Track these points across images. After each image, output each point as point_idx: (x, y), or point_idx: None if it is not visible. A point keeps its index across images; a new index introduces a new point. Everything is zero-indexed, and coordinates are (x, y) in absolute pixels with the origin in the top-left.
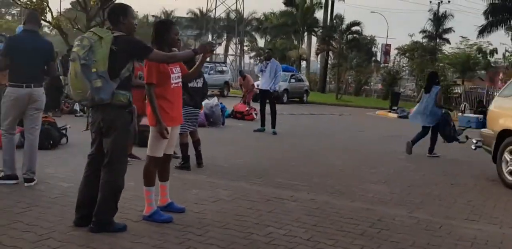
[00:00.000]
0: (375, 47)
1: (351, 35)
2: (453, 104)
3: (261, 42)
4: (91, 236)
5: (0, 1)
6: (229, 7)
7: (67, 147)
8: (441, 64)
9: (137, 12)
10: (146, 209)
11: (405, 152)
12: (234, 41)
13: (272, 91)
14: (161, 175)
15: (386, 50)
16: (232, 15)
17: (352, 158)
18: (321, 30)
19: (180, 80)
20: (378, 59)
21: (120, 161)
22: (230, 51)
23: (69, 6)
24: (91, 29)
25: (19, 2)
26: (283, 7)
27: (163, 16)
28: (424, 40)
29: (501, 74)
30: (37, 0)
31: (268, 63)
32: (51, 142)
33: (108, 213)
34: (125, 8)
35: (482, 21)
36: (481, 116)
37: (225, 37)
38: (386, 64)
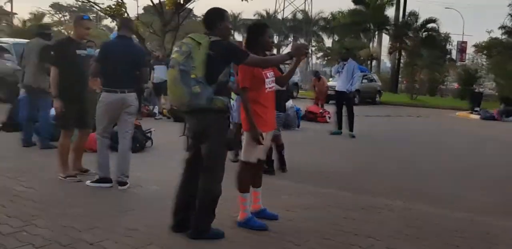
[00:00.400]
0: (449, 44)
1: (426, 33)
2: None
3: (328, 42)
4: (190, 242)
5: (77, 7)
6: (297, 7)
7: (152, 150)
8: None
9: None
10: (241, 215)
11: (504, 157)
12: (301, 41)
13: (349, 92)
14: (254, 181)
15: (462, 48)
16: (299, 16)
17: (445, 163)
18: (393, 28)
19: (274, 84)
20: (453, 57)
21: (217, 167)
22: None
23: (144, 11)
24: (189, 35)
25: (98, 8)
26: (351, 6)
27: (230, 19)
28: (503, 37)
29: None
30: (116, 6)
31: (345, 64)
32: (138, 145)
33: (206, 220)
34: (222, 13)
35: None
36: None
37: (291, 38)
38: (463, 62)
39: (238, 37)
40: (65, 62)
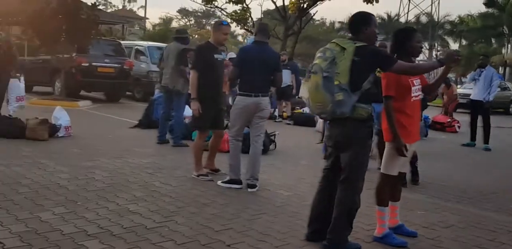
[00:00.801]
0: None
1: None
2: None
3: (454, 47)
4: None
5: (202, 12)
6: (423, 10)
7: (275, 153)
8: None
9: (324, 19)
10: (378, 230)
11: None
12: (424, 45)
13: (486, 102)
14: (392, 195)
15: None
16: (423, 19)
17: None
18: None
19: (420, 93)
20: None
21: (358, 178)
22: (420, 56)
23: (264, 15)
24: (333, 40)
25: (224, 13)
26: (481, 9)
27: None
28: None
29: None
30: (241, 11)
31: (482, 71)
32: (262, 148)
33: (342, 232)
34: (368, 17)
35: None
36: None
37: None
38: None
39: None
40: (204, 66)
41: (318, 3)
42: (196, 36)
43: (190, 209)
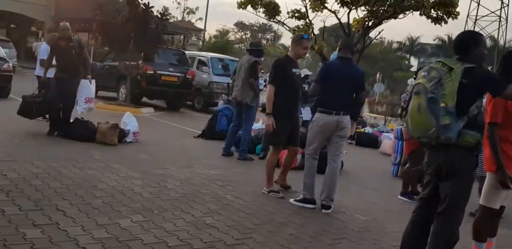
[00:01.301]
0: None
1: None
2: None
3: None
4: None
5: (258, 26)
6: (489, 33)
7: (343, 174)
8: None
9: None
10: None
11: None
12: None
13: None
14: (490, 230)
15: None
16: (487, 43)
17: None
18: None
19: None
20: None
21: (459, 209)
22: None
23: (327, 33)
24: (439, 59)
25: (287, 28)
26: None
27: (407, 43)
28: None
29: None
30: (303, 26)
31: None
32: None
33: None
34: (477, 37)
35: None
36: None
37: None
38: None
39: (414, 61)
40: (283, 81)
41: (383, 21)
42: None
43: (268, 228)
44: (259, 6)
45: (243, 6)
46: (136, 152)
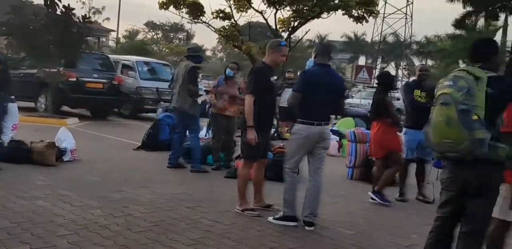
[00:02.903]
0: None
1: None
2: None
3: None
4: None
5: (169, 25)
6: (396, 30)
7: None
8: None
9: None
10: None
11: None
12: (387, 65)
13: None
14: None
15: None
16: (390, 39)
17: None
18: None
19: None
20: None
21: (487, 228)
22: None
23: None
24: (462, 67)
25: (213, 29)
26: (449, 30)
27: (317, 40)
28: None
29: None
30: (229, 27)
31: None
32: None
33: None
34: (497, 45)
35: None
36: None
37: (379, 61)
38: None
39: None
40: (262, 90)
41: (309, 21)
42: (166, 50)
43: None
44: (183, 6)
45: (165, 7)
46: (82, 173)
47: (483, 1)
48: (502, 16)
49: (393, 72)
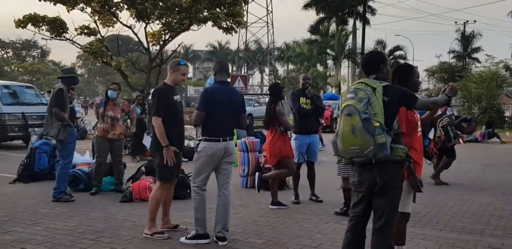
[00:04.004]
0: None
1: (393, 60)
2: None
3: (281, 71)
4: None
5: (21, 43)
6: (260, 38)
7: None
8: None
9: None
10: None
11: None
12: (253, 71)
13: None
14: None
15: None
16: (253, 46)
17: None
18: (359, 57)
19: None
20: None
21: (394, 222)
22: (250, 82)
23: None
24: (360, 80)
25: (78, 46)
26: (305, 36)
27: (182, 51)
28: (452, 61)
29: None
30: (96, 43)
31: None
32: (188, 191)
33: None
34: (384, 55)
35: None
36: None
37: (244, 68)
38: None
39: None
40: (168, 110)
41: (179, 34)
42: (20, 69)
43: None
44: (42, 23)
45: (22, 25)
46: None
47: (333, 8)
48: (351, 21)
49: (258, 78)
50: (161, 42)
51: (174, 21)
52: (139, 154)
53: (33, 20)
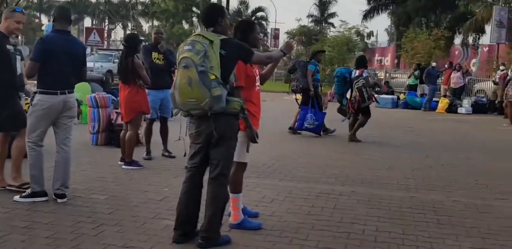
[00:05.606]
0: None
1: (256, 20)
2: None
3: (146, 27)
4: None
5: None
6: None
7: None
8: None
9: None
10: (234, 217)
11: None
12: (115, 26)
13: None
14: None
15: (275, 34)
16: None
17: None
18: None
19: (259, 82)
20: (267, 43)
21: (229, 172)
22: (113, 37)
23: None
24: (198, 32)
25: None
26: None
27: (36, 0)
28: (311, 25)
29: (377, 55)
30: None
31: None
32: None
33: (218, 227)
34: (222, 9)
35: (363, 6)
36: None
37: (106, 22)
38: (276, 48)
39: (44, 19)
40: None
41: None
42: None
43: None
44: None
45: None
46: None
47: None
48: None
49: (121, 33)
50: None
51: None
52: None
53: None
